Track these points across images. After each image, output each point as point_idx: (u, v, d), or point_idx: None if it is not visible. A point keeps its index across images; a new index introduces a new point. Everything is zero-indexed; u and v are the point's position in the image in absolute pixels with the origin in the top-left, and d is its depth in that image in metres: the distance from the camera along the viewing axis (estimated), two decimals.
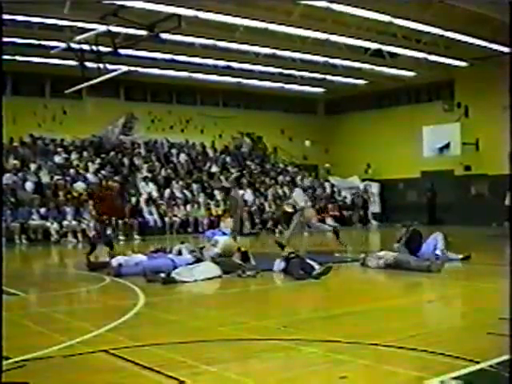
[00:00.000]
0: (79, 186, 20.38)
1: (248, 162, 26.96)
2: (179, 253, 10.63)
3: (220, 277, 9.09)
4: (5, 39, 15.18)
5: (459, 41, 20.09)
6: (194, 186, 23.44)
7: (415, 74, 24.73)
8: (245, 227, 20.45)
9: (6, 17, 14.71)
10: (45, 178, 20.27)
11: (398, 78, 25.58)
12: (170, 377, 3.99)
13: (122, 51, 16.57)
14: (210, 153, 26.68)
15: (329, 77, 25.74)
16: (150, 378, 4.04)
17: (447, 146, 24.20)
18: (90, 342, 4.96)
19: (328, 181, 28.01)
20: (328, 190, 27.22)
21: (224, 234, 11.28)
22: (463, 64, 23.12)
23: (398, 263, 9.62)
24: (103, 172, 21.90)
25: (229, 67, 23.87)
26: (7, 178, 19.04)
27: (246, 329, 5.57)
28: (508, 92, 13.29)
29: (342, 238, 13.26)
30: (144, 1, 15.09)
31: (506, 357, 3.99)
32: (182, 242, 11.12)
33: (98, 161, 22.54)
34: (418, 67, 23.99)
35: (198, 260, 9.61)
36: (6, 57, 17.21)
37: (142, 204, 21.10)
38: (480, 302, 7.14)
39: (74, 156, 22.41)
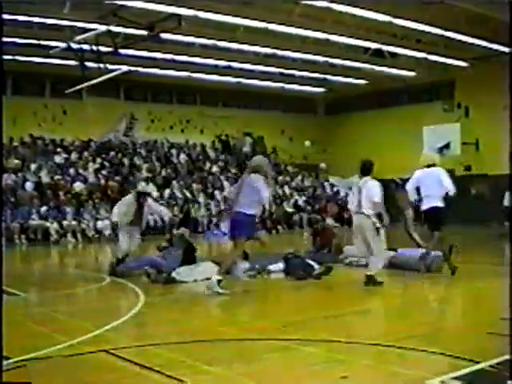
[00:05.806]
0: (78, 186, 20.34)
1: (247, 162, 26.88)
2: None
3: None
4: (5, 39, 15.16)
5: (459, 41, 20.05)
6: (194, 186, 23.41)
7: (415, 74, 24.71)
8: None
9: (6, 17, 14.68)
10: (45, 178, 20.24)
11: (398, 78, 25.54)
12: (170, 377, 3.98)
13: (122, 51, 16.58)
14: (211, 153, 26.65)
15: (329, 77, 25.71)
16: (150, 377, 4.04)
17: (447, 146, 24.13)
18: (90, 342, 4.95)
19: (328, 181, 27.98)
20: (328, 190, 27.20)
21: (224, 234, 11.25)
22: (463, 64, 23.08)
23: (396, 263, 9.61)
24: (103, 172, 21.88)
25: (229, 67, 23.83)
26: (7, 178, 19.01)
27: (246, 329, 5.57)
28: (508, 92, 13.27)
29: None
30: (144, 1, 15.07)
31: (506, 357, 3.99)
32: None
33: (99, 161, 22.52)
34: (418, 67, 23.96)
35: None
36: (6, 57, 17.21)
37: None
38: (480, 302, 7.14)
39: (74, 156, 22.39)
